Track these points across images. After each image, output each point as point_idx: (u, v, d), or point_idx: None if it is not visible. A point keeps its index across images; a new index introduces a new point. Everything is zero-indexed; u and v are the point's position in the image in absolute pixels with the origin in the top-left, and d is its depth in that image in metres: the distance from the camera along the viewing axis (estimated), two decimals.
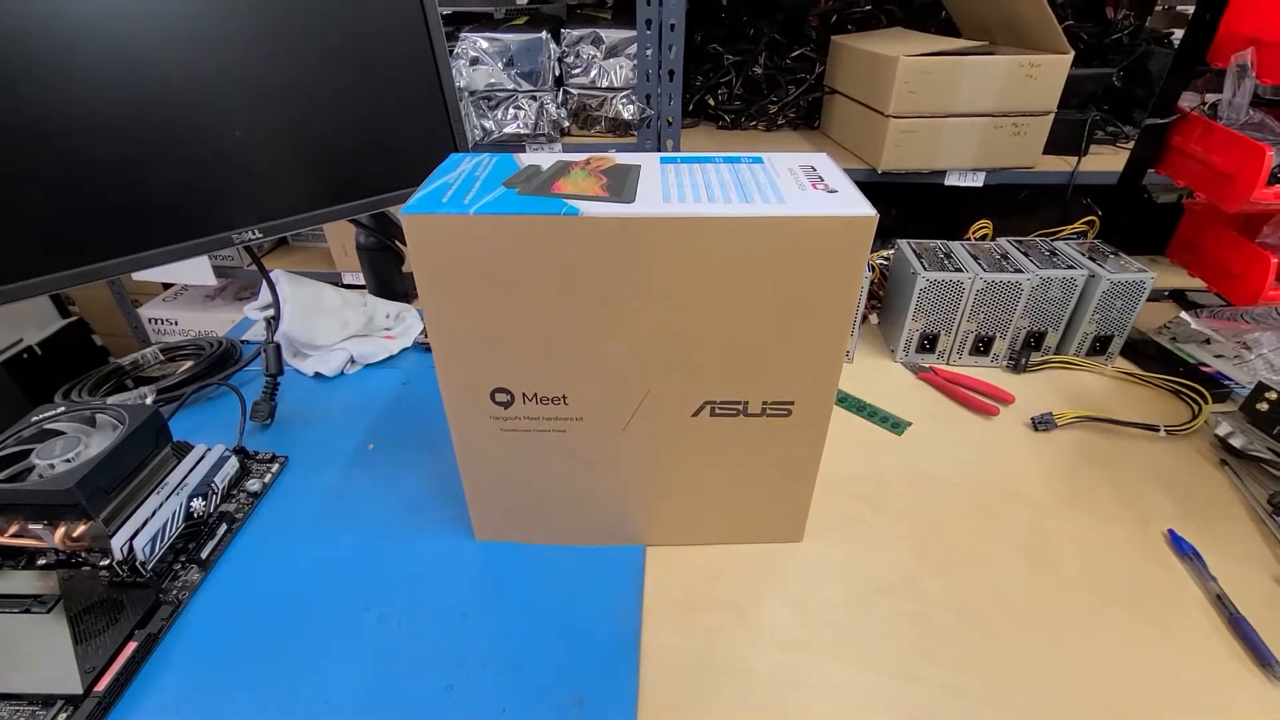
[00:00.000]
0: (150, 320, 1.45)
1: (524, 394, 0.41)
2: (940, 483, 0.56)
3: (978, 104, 1.03)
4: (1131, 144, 1.24)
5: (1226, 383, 0.67)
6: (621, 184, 0.38)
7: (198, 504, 0.49)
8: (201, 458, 0.53)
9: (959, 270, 0.67)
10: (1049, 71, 1.00)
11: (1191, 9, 0.65)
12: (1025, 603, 0.46)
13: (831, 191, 0.37)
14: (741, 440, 0.43)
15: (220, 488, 0.52)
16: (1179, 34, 1.33)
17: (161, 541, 0.46)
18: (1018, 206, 1.28)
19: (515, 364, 0.40)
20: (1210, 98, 0.66)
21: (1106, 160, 1.14)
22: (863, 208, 0.35)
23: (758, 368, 0.40)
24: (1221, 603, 0.45)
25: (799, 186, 0.37)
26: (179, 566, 0.47)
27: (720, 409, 0.42)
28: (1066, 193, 1.12)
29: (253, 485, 0.54)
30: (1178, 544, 0.50)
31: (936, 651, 0.43)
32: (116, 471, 0.46)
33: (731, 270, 0.36)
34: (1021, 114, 1.04)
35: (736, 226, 0.34)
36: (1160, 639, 0.43)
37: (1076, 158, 1.11)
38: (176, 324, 1.44)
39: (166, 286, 1.54)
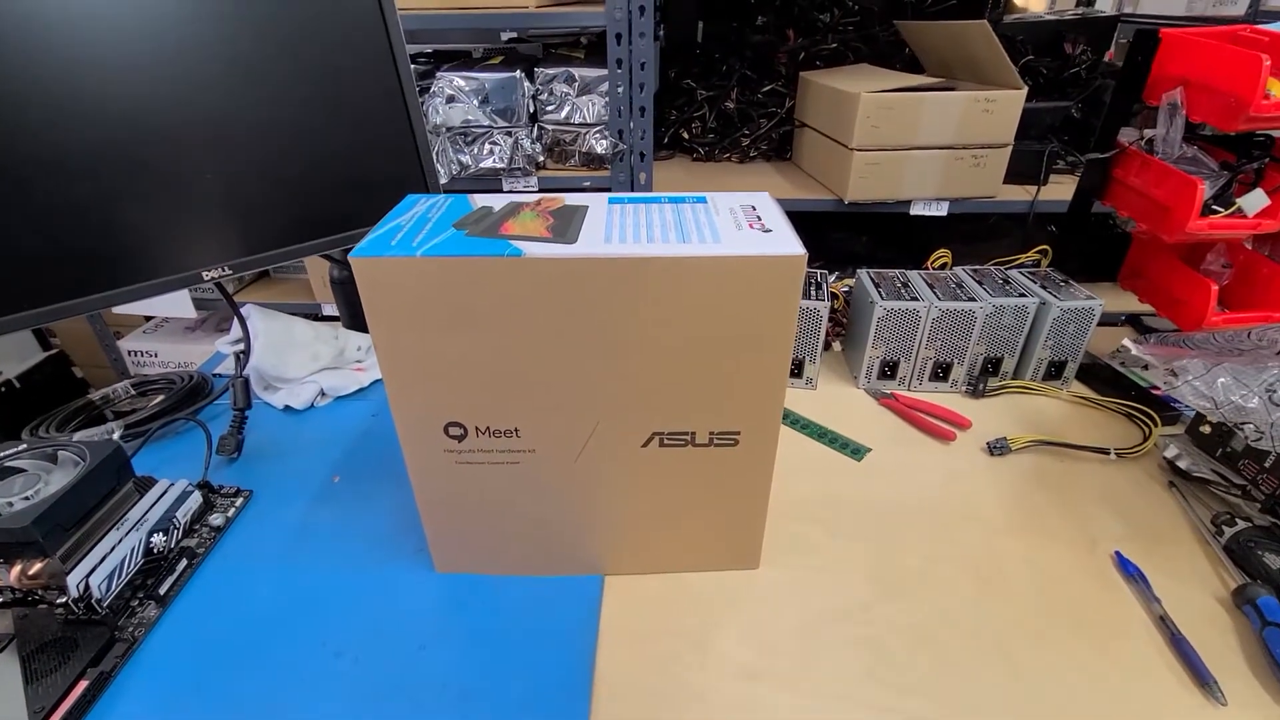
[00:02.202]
0: (130, 352, 1.45)
1: (476, 427, 0.42)
2: (896, 507, 0.58)
3: (938, 137, 1.07)
4: None
5: (1176, 406, 0.68)
6: (567, 225, 0.39)
7: (158, 539, 0.50)
8: (164, 493, 0.53)
9: (915, 299, 0.69)
10: (1004, 106, 1.05)
11: None
12: (976, 625, 0.47)
13: (766, 231, 0.38)
14: (691, 470, 0.45)
15: (182, 523, 0.52)
16: None
17: (119, 578, 0.47)
18: (983, 234, 1.31)
19: (467, 398, 0.41)
20: (1148, 133, 0.69)
21: (1067, 189, 1.17)
22: (793, 247, 0.36)
23: (703, 399, 0.41)
24: (1164, 623, 0.46)
25: (735, 226, 0.39)
26: (136, 603, 0.47)
27: (669, 440, 0.43)
28: (1028, 220, 1.15)
29: (215, 520, 0.55)
30: (1124, 565, 0.51)
31: (889, 677, 0.43)
32: (75, 508, 0.47)
33: (670, 307, 0.37)
34: (981, 146, 1.08)
35: (671, 266, 0.36)
36: (1105, 661, 0.44)
37: (1036, 187, 1.15)
38: (156, 356, 1.44)
39: (148, 319, 1.54)
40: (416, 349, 0.39)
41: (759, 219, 0.40)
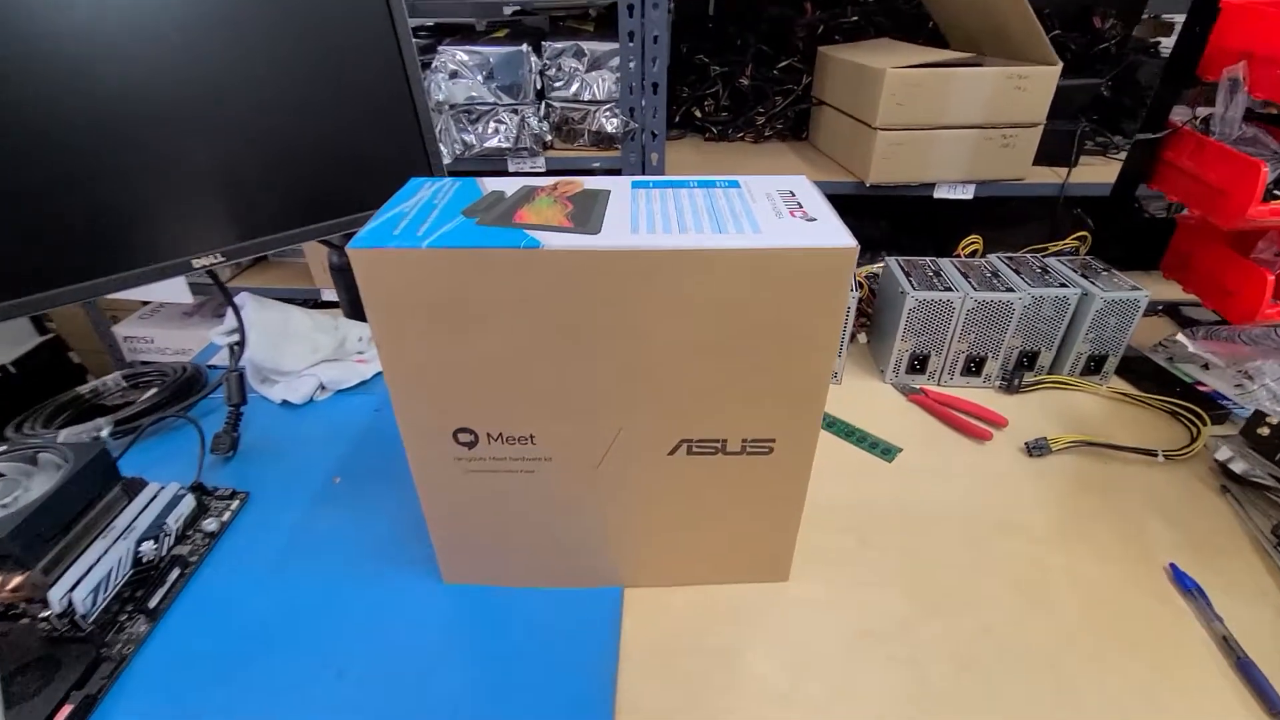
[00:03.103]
0: (126, 338, 1.42)
1: (488, 434, 0.39)
2: (932, 514, 0.54)
3: (967, 116, 1.01)
4: (1122, 155, 1.24)
5: (1224, 403, 0.65)
6: (588, 212, 0.35)
7: (147, 548, 0.47)
8: (154, 497, 0.50)
9: (949, 289, 0.65)
10: (1038, 83, 0.99)
11: (1179, 18, 0.63)
12: (1024, 647, 0.44)
13: (810, 220, 0.34)
14: (721, 479, 0.41)
15: (174, 529, 0.49)
16: (1166, 43, 1.33)
17: (105, 591, 0.43)
18: (1007, 218, 1.26)
19: (478, 403, 0.37)
20: (1202, 111, 0.64)
21: (1097, 171, 1.13)
22: (842, 238, 0.32)
23: (736, 405, 0.38)
24: (1228, 644, 0.43)
25: (775, 214, 0.35)
26: (125, 617, 0.44)
27: (698, 447, 0.40)
28: (1057, 204, 1.10)
29: (209, 525, 0.51)
30: (1180, 580, 0.48)
31: (931, 702, 0.40)
32: (57, 516, 0.43)
33: (704, 305, 0.34)
34: (1011, 125, 1.03)
35: (708, 259, 0.32)
36: (1166, 686, 0.41)
37: (1067, 169, 1.10)
38: (153, 342, 1.41)
39: (145, 303, 1.51)
40: (423, 350, 0.35)
41: (800, 206, 0.36)
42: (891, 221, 1.41)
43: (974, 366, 0.69)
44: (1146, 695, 0.41)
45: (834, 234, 0.33)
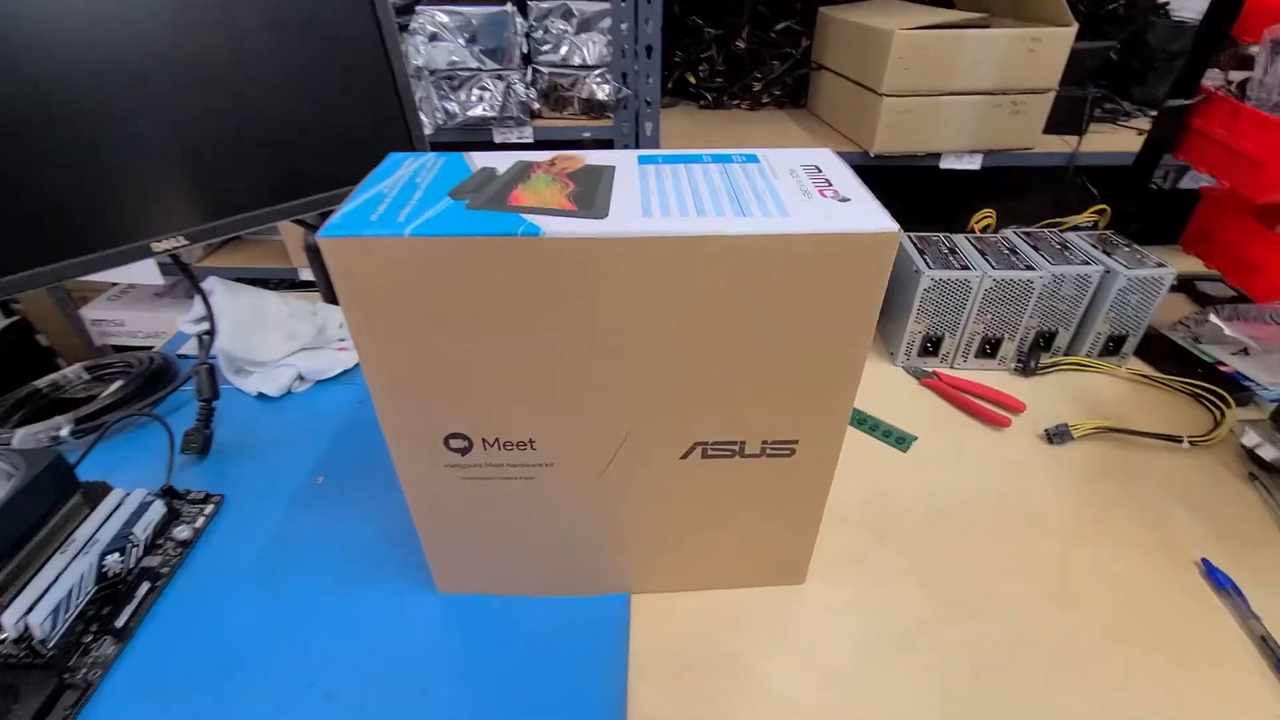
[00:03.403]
0: (94, 322, 1.35)
1: (484, 439, 0.35)
2: (951, 506, 0.52)
3: (976, 81, 0.96)
4: (1131, 122, 1.20)
5: (1247, 384, 0.62)
6: (592, 193, 0.31)
7: (113, 561, 0.43)
8: (119, 504, 0.46)
9: (966, 268, 0.62)
10: (1052, 46, 0.94)
11: None
12: (1053, 649, 0.41)
13: (843, 200, 0.31)
14: (738, 483, 0.38)
15: (142, 539, 0.45)
16: (1178, 2, 1.27)
17: (66, 612, 0.40)
18: (1010, 189, 1.22)
19: (471, 407, 0.34)
20: (1235, 76, 0.60)
21: (1107, 139, 1.09)
22: (882, 221, 0.29)
23: (756, 405, 0.34)
24: (1267, 645, 0.41)
25: (803, 193, 0.31)
26: (89, 639, 0.40)
27: (713, 450, 0.36)
28: (1066, 174, 1.07)
29: (181, 533, 0.48)
30: (1213, 575, 0.45)
31: (960, 712, 0.38)
32: (8, 531, 0.40)
33: (725, 297, 0.30)
34: (1021, 91, 0.98)
35: (731, 246, 0.28)
36: (1205, 691, 0.39)
37: (1077, 137, 1.06)
38: (123, 325, 1.34)
39: (114, 284, 1.44)
40: (407, 350, 0.31)
41: (829, 184, 0.32)
42: (893, 193, 1.37)
43: (989, 348, 0.66)
44: (1185, 702, 0.39)
45: (872, 216, 0.29)
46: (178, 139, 0.51)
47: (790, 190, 0.32)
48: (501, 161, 0.35)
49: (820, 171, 0.34)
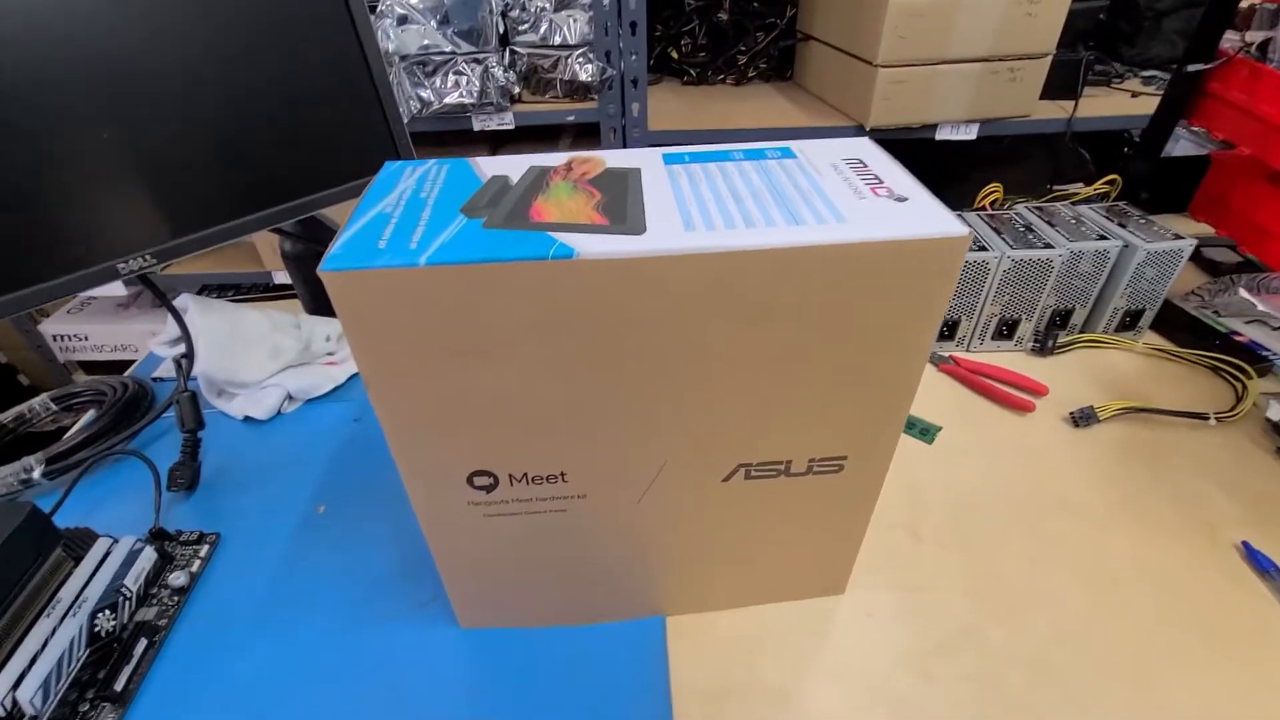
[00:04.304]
0: (55, 337, 1.28)
1: (511, 475, 0.32)
2: (982, 500, 0.50)
3: (972, 48, 0.93)
4: (1126, 85, 1.18)
5: (1265, 353, 0.62)
6: (622, 202, 0.28)
7: (105, 620, 0.39)
8: (106, 554, 0.42)
9: (983, 249, 0.59)
10: (1049, 8, 0.92)
11: None
12: (1101, 647, 0.40)
13: (900, 199, 0.28)
14: (782, 501, 0.36)
15: (134, 591, 0.42)
16: None
17: (58, 682, 0.36)
18: (1003, 158, 1.21)
19: (497, 443, 0.31)
20: (1252, 36, 0.58)
21: (1101, 103, 1.07)
22: (950, 224, 0.26)
23: (805, 424, 0.32)
24: None
25: (854, 193, 0.28)
26: (86, 707, 0.37)
27: (757, 471, 0.34)
28: (1064, 140, 1.05)
29: (177, 579, 0.44)
30: (1254, 558, 0.45)
31: None
32: None
33: (779, 313, 0.27)
34: (1018, 57, 0.96)
35: (791, 260, 0.25)
36: (1259, 682, 0.38)
37: (1073, 102, 1.04)
38: (87, 339, 1.27)
39: (73, 296, 1.36)
40: (425, 388, 0.28)
41: (879, 180, 0.30)
42: None
43: (1006, 330, 0.64)
44: (1240, 696, 0.38)
45: (938, 218, 0.26)
46: (140, 150, 0.47)
47: (839, 189, 0.29)
48: (511, 167, 0.32)
49: (866, 166, 0.31)
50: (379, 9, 0.97)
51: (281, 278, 1.20)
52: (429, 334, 0.26)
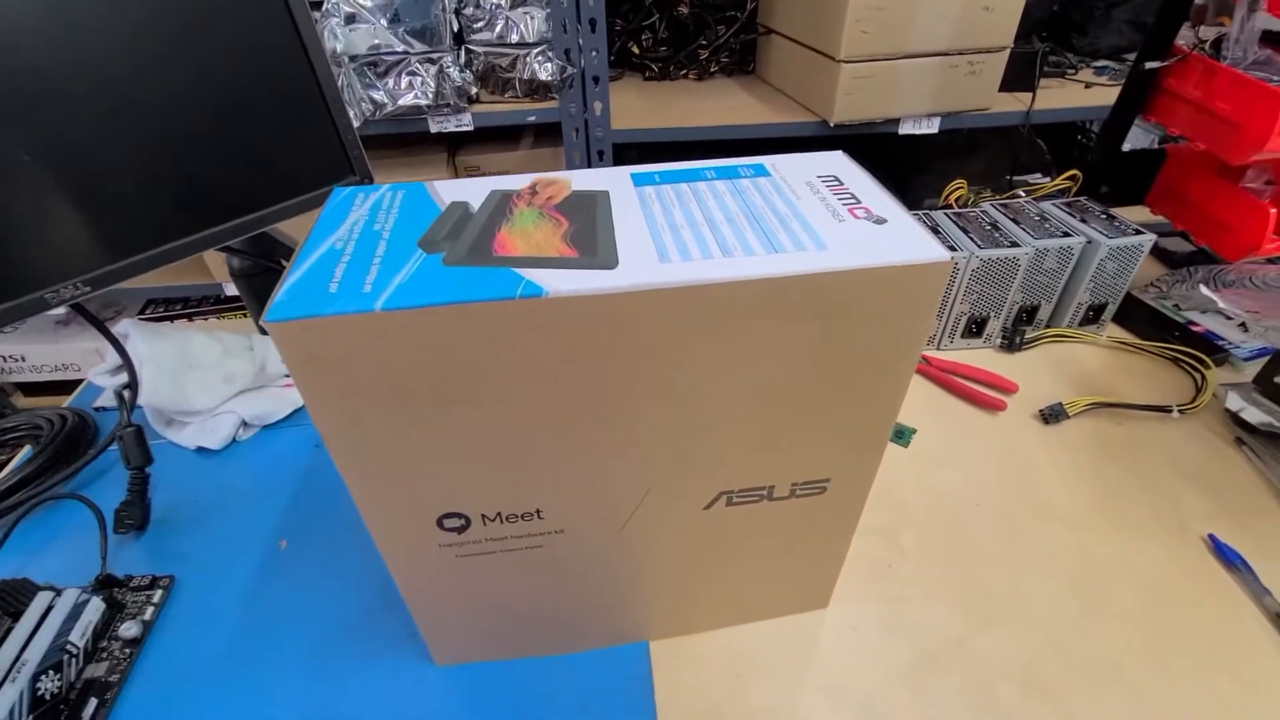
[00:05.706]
0: None
1: (484, 515, 0.31)
2: (961, 504, 0.50)
3: (932, 42, 0.94)
4: (1081, 78, 1.20)
5: (1221, 343, 0.63)
6: (592, 231, 0.26)
7: (48, 682, 0.37)
8: (48, 609, 0.39)
9: (953, 249, 0.59)
10: (1007, 2, 0.92)
11: None
12: (1088, 654, 0.41)
13: (879, 221, 0.27)
14: (765, 524, 0.35)
15: (81, 647, 0.39)
16: None
17: None
18: (959, 151, 1.22)
19: (467, 485, 0.29)
20: (1205, 32, 0.59)
21: (1055, 95, 1.09)
22: (932, 249, 0.25)
23: (787, 450, 0.31)
24: None
25: (832, 215, 0.27)
26: None
27: (739, 497, 0.33)
28: (1021, 132, 1.06)
29: (128, 629, 0.41)
30: (1222, 552, 0.46)
31: None
32: None
33: (757, 343, 0.26)
34: (977, 51, 0.96)
35: (769, 290, 0.24)
36: (1227, 678, 0.39)
37: (1030, 94, 1.05)
38: (24, 360, 1.19)
39: None
40: (386, 435, 0.26)
41: (856, 199, 0.29)
42: None
43: (975, 327, 0.64)
44: (1215, 692, 0.39)
45: (918, 243, 0.25)
46: (69, 168, 0.43)
47: (816, 211, 0.28)
48: (471, 192, 0.30)
49: (842, 183, 0.30)
50: (325, 7, 0.92)
51: (233, 289, 1.15)
52: (388, 382, 0.24)
